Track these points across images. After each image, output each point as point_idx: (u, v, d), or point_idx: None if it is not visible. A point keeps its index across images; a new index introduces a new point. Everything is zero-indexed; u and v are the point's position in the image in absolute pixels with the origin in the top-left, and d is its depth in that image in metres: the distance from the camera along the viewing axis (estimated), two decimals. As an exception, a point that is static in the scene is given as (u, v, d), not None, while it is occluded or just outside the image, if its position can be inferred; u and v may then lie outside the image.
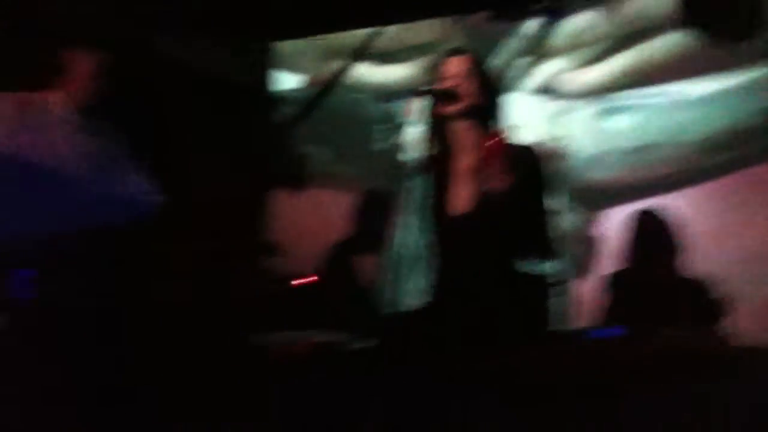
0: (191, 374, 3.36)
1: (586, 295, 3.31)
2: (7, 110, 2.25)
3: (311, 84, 4.06)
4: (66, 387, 2.22)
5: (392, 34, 4.09)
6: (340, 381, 3.22)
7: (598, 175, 3.79)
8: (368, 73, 4.22)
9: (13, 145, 2.23)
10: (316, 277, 2.92)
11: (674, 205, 3.38)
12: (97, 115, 2.49)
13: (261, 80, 4.45)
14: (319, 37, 4.26)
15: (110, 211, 2.55)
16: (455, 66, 2.15)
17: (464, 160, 2.17)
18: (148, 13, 3.63)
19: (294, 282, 2.86)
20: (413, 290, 2.22)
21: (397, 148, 2.28)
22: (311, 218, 4.19)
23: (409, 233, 2.38)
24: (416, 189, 2.15)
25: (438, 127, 2.18)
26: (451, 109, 2.11)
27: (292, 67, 4.49)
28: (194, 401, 3.39)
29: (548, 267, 2.12)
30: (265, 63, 4.48)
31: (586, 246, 3.58)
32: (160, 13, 3.69)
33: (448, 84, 2.12)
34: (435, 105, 2.13)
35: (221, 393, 3.45)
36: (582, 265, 3.51)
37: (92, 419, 2.23)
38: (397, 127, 2.30)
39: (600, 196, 3.80)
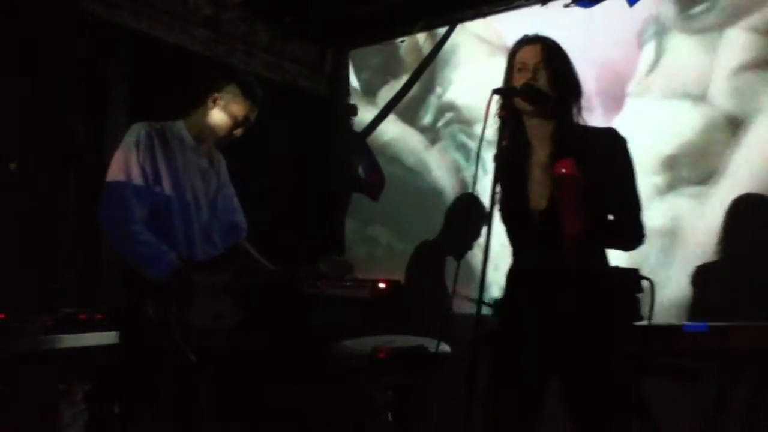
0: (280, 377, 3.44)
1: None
2: (150, 136, 2.40)
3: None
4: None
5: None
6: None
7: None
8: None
9: (156, 170, 2.38)
10: (394, 280, 2.88)
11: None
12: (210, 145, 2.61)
13: (336, 89, 4.50)
14: (389, 42, 4.25)
15: (228, 238, 2.65)
16: (528, 56, 2.08)
17: (541, 155, 2.09)
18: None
19: (376, 286, 2.83)
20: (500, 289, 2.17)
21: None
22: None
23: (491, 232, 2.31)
24: (496, 187, 2.08)
25: (514, 122, 2.12)
26: (525, 105, 2.04)
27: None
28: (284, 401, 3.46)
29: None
30: (339, 72, 4.52)
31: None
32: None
33: (522, 77, 2.04)
34: (510, 100, 2.06)
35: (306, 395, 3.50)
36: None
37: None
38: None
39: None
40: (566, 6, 3.49)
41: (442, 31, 4.06)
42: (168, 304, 2.28)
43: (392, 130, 4.25)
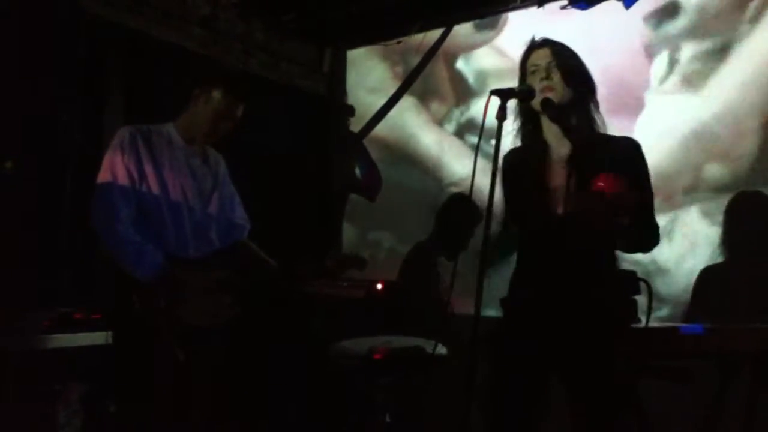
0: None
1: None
2: (134, 137, 2.41)
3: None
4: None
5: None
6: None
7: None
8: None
9: (142, 173, 2.39)
10: (392, 281, 2.88)
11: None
12: (204, 145, 2.61)
13: (333, 89, 4.49)
14: (388, 42, 4.24)
15: (227, 235, 2.64)
16: (539, 58, 2.08)
17: (560, 156, 2.09)
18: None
19: (373, 286, 2.83)
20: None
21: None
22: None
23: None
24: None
25: (529, 122, 2.12)
26: (540, 106, 2.04)
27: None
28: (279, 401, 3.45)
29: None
30: (337, 72, 4.51)
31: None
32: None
33: (535, 79, 2.05)
34: (524, 102, 2.06)
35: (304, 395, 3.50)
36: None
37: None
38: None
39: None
40: (563, 8, 3.47)
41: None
42: (156, 304, 2.29)
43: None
